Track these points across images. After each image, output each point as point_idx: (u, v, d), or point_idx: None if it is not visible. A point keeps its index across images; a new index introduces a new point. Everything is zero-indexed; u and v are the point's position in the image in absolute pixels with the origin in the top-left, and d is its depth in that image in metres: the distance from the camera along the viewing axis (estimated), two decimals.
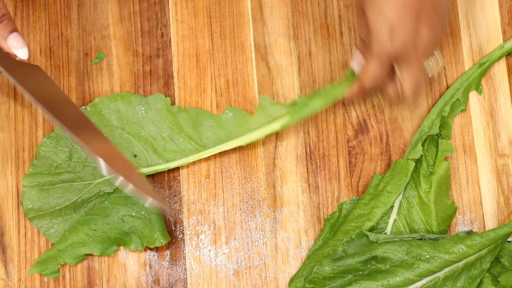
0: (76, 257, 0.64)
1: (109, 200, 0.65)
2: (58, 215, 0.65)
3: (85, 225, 0.64)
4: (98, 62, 0.69)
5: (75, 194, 0.65)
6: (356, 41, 0.69)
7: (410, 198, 0.65)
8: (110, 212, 0.65)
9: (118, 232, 0.64)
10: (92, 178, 0.66)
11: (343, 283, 0.61)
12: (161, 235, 0.64)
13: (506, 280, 0.62)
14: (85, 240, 0.64)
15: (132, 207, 0.65)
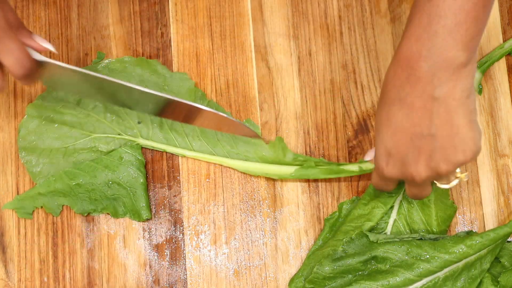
0: (54, 206, 0.65)
1: (100, 161, 0.65)
2: (47, 155, 0.65)
3: (71, 178, 0.65)
4: (98, 62, 0.69)
5: (71, 140, 0.65)
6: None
7: (410, 198, 0.65)
8: (98, 174, 0.65)
9: (100, 195, 0.65)
10: (92, 130, 0.66)
11: (343, 283, 0.61)
12: (145, 209, 0.65)
13: (506, 280, 0.62)
14: (67, 192, 0.65)
15: (120, 175, 0.65)
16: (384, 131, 0.53)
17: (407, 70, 0.50)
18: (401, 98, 0.51)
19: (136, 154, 0.66)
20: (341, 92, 0.69)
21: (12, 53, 0.53)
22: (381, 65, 0.70)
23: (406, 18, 0.70)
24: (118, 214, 0.65)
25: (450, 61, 0.49)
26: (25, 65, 0.54)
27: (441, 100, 0.50)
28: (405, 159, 0.52)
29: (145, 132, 0.66)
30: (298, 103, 0.69)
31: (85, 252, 0.66)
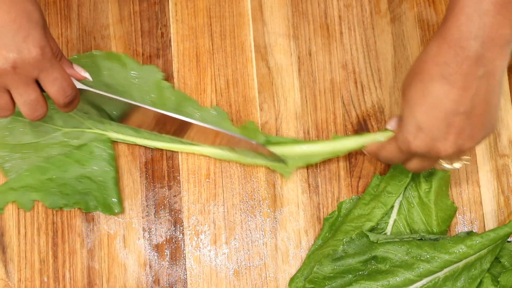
0: (26, 201, 0.65)
1: (71, 155, 0.65)
2: (19, 150, 0.66)
3: (43, 172, 0.65)
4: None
5: (42, 135, 0.66)
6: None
7: (410, 199, 0.65)
8: (69, 168, 0.65)
9: (71, 190, 0.65)
10: (63, 124, 0.66)
11: (343, 283, 0.61)
12: (116, 203, 0.65)
13: (506, 280, 0.62)
14: (39, 187, 0.65)
15: (91, 169, 0.65)
16: (418, 106, 0.53)
17: (455, 48, 0.51)
18: (444, 76, 0.52)
19: (107, 148, 0.66)
20: (341, 92, 0.69)
21: (56, 82, 0.54)
22: (381, 65, 0.70)
23: (406, 18, 0.71)
24: (90, 209, 0.66)
25: (498, 40, 0.50)
26: (69, 93, 0.55)
27: (484, 79, 0.51)
28: (435, 134, 0.53)
29: (115, 126, 0.67)
30: (298, 103, 0.69)
31: (85, 252, 0.66)
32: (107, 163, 0.66)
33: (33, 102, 0.54)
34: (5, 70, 0.51)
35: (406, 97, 0.55)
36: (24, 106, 0.54)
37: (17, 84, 0.52)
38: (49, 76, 0.53)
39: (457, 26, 0.51)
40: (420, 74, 0.54)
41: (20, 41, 0.51)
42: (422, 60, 0.54)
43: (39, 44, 0.51)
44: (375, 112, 0.69)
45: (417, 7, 0.71)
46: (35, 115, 0.55)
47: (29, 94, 0.53)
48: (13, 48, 0.50)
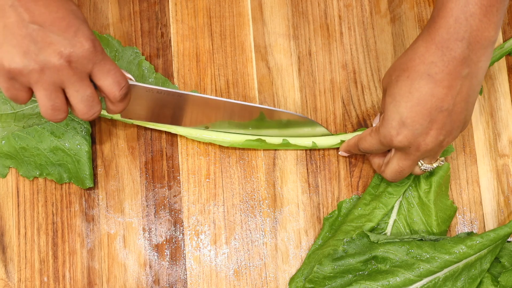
0: (1, 167, 0.67)
1: (47, 127, 0.66)
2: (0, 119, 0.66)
3: (18, 141, 0.66)
4: None
5: (19, 106, 0.65)
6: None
7: (410, 199, 0.65)
8: (43, 139, 0.66)
9: (45, 160, 0.66)
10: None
11: (343, 283, 0.61)
12: (88, 177, 0.66)
13: (506, 280, 0.62)
14: (14, 155, 0.66)
15: (65, 142, 0.66)
16: (403, 102, 0.55)
17: (442, 49, 0.53)
18: (431, 74, 0.53)
19: (83, 122, 0.66)
20: (341, 92, 0.69)
21: (110, 73, 0.54)
22: (381, 65, 0.70)
23: (406, 18, 0.71)
24: (63, 180, 0.66)
25: (483, 41, 0.53)
26: (123, 84, 0.55)
27: (467, 79, 0.54)
28: (418, 130, 0.55)
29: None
30: (298, 103, 0.69)
31: (85, 252, 0.66)
32: (82, 137, 0.66)
33: (89, 98, 0.53)
34: (61, 66, 0.51)
35: (391, 93, 0.56)
36: (81, 103, 0.54)
37: (73, 80, 0.52)
38: (103, 68, 0.53)
39: (445, 28, 0.53)
40: (406, 71, 0.55)
41: (71, 36, 0.51)
42: (409, 58, 0.55)
43: (89, 38, 0.52)
44: (375, 112, 0.69)
45: (417, 7, 0.71)
46: (91, 112, 0.54)
47: (85, 89, 0.53)
48: (66, 44, 0.51)
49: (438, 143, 0.56)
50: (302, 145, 0.67)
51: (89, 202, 0.67)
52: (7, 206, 0.67)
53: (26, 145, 0.66)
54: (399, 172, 0.60)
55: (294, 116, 0.65)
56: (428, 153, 0.58)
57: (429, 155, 0.58)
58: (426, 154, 0.58)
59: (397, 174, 0.60)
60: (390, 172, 0.60)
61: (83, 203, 0.67)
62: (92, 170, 0.66)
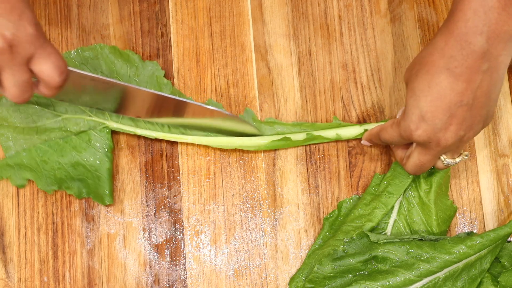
0: (20, 178, 0.66)
1: (69, 141, 0.66)
2: (21, 132, 0.66)
3: (40, 153, 0.65)
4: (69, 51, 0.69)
5: (42, 119, 0.66)
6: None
7: (410, 199, 0.65)
8: (66, 154, 0.65)
9: (65, 175, 0.65)
10: (64, 111, 0.66)
11: (343, 283, 0.61)
12: (107, 195, 0.65)
13: (506, 280, 0.62)
14: (34, 167, 0.65)
15: (87, 158, 0.65)
16: (423, 96, 0.55)
17: (461, 43, 0.53)
18: (450, 68, 0.53)
19: (105, 138, 0.66)
20: (341, 92, 0.69)
21: (51, 57, 0.53)
22: (381, 65, 0.70)
23: (406, 18, 0.71)
24: (81, 195, 0.66)
25: (503, 35, 0.52)
26: (63, 69, 0.54)
27: (487, 74, 0.53)
28: (437, 124, 0.55)
29: (115, 115, 0.67)
30: (298, 103, 0.69)
31: (85, 252, 0.66)
32: (104, 153, 0.66)
33: (24, 83, 0.53)
34: (2, 49, 0.50)
35: (411, 87, 0.56)
36: (15, 87, 0.53)
37: (12, 64, 0.51)
38: (44, 52, 0.52)
39: (464, 21, 0.52)
40: (426, 66, 0.55)
41: (15, 20, 0.50)
42: (428, 52, 0.55)
43: (33, 22, 0.51)
44: (375, 112, 0.69)
45: (417, 7, 0.71)
46: (24, 97, 0.53)
47: (22, 74, 0.52)
48: (9, 27, 0.50)
49: (459, 138, 0.56)
50: (327, 137, 0.66)
51: (89, 202, 0.67)
52: (7, 206, 0.67)
53: (48, 158, 0.65)
54: (419, 166, 0.60)
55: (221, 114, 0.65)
56: (448, 148, 0.57)
57: (450, 150, 0.58)
58: (446, 149, 0.57)
59: (417, 168, 0.60)
60: (411, 165, 0.60)
61: (83, 203, 0.67)
62: (112, 187, 0.66)
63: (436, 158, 0.59)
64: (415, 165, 0.60)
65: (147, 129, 0.67)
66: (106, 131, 0.66)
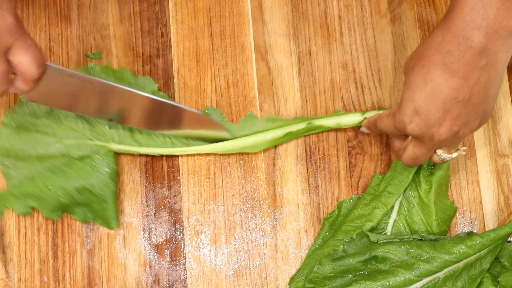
0: (24, 206, 0.65)
1: (73, 166, 0.65)
2: (23, 159, 0.65)
3: (43, 181, 0.65)
4: (92, 57, 0.69)
5: (44, 147, 0.65)
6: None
7: (410, 199, 0.65)
8: (70, 179, 0.65)
9: (70, 200, 0.65)
10: (65, 137, 0.66)
11: (343, 283, 0.61)
12: (114, 218, 0.65)
13: (506, 280, 0.62)
14: (38, 194, 0.65)
15: (92, 182, 0.65)
16: (418, 91, 0.54)
17: (459, 38, 0.52)
18: (447, 64, 0.53)
19: (109, 162, 0.65)
20: (341, 92, 0.69)
21: (31, 49, 0.52)
22: (381, 65, 0.70)
23: (406, 18, 0.71)
24: (87, 220, 0.65)
25: (502, 31, 0.51)
26: (42, 62, 0.53)
27: (485, 70, 0.52)
28: (431, 120, 0.54)
29: (116, 137, 0.66)
30: (298, 103, 0.69)
31: (85, 252, 0.66)
32: (109, 177, 0.65)
33: (2, 74, 0.51)
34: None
35: (408, 81, 0.56)
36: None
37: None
38: (24, 43, 0.51)
39: (461, 17, 0.52)
40: (422, 60, 0.55)
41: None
42: (425, 47, 0.55)
43: (13, 12, 0.50)
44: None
45: (417, 7, 0.71)
46: (1, 89, 0.52)
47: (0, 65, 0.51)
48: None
49: (453, 134, 0.55)
50: (327, 125, 0.66)
51: None
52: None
53: (52, 185, 0.64)
54: (414, 159, 0.59)
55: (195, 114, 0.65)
56: (442, 143, 0.57)
57: (445, 145, 0.58)
58: (440, 144, 0.57)
59: (412, 160, 0.60)
60: (406, 157, 0.60)
61: None
62: (117, 211, 0.66)
63: (431, 152, 0.58)
64: (410, 157, 0.60)
65: (149, 146, 0.66)
66: (109, 154, 0.65)
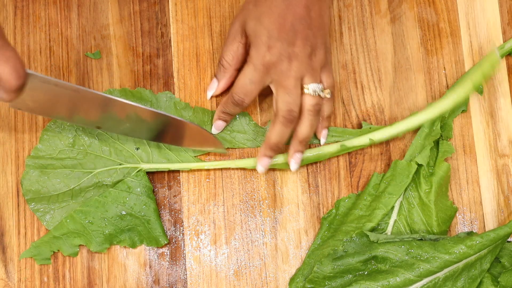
0: (71, 246, 0.64)
1: (109, 195, 0.65)
2: (56, 200, 0.65)
3: (83, 216, 0.64)
4: (91, 57, 0.69)
5: (74, 181, 0.65)
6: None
7: (410, 199, 0.65)
8: (109, 208, 0.64)
9: (114, 229, 0.64)
10: (93, 167, 0.65)
11: (343, 283, 0.61)
12: (161, 235, 0.64)
13: (506, 280, 0.62)
14: (81, 231, 0.64)
15: (131, 205, 0.65)
16: (266, 18, 0.60)
17: None
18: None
19: (143, 181, 0.65)
20: (341, 92, 0.69)
21: (10, 60, 0.52)
22: (381, 65, 0.70)
23: (406, 18, 0.71)
24: (135, 245, 0.65)
25: None
26: (22, 74, 0.53)
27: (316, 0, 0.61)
28: (285, 39, 0.60)
29: (145, 157, 0.66)
30: None
31: (85, 252, 0.66)
32: (146, 196, 0.65)
33: None
34: None
35: (253, 17, 0.61)
36: None
37: None
38: (3, 55, 0.51)
39: None
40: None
41: None
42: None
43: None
44: (375, 112, 0.69)
45: (417, 7, 0.71)
46: None
47: None
48: None
49: (307, 54, 0.61)
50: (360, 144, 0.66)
51: None
52: (7, 206, 0.67)
53: (92, 218, 0.64)
54: (289, 96, 0.61)
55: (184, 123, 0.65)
56: (302, 66, 0.61)
57: (306, 71, 0.61)
58: (301, 68, 0.61)
59: (288, 98, 0.61)
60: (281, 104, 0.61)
61: None
62: (163, 227, 0.66)
63: (297, 80, 0.61)
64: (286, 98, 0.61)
65: (180, 162, 0.66)
66: (141, 174, 0.65)
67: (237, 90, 0.63)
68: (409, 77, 0.70)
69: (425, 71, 0.70)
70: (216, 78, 0.67)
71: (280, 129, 0.62)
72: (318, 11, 0.61)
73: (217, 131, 0.67)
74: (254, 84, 0.62)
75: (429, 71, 0.70)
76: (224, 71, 0.66)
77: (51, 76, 0.66)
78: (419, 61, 0.70)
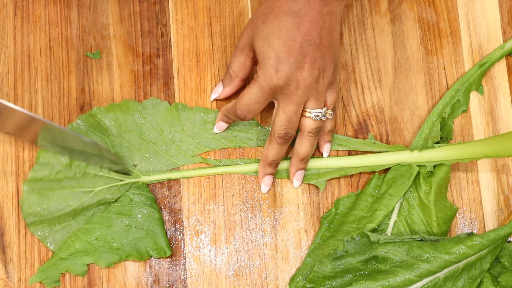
0: (79, 266, 0.64)
1: (112, 209, 0.65)
2: (57, 222, 0.65)
3: (88, 234, 0.64)
4: (91, 57, 0.69)
5: (75, 201, 0.65)
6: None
7: (410, 200, 0.65)
8: (113, 222, 0.64)
9: (121, 243, 0.64)
10: (93, 185, 0.65)
11: (343, 282, 0.61)
12: (166, 246, 0.65)
13: (506, 280, 0.62)
14: (88, 249, 0.64)
15: (135, 217, 0.65)
16: (275, 39, 0.59)
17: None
18: (295, 11, 0.59)
19: (145, 192, 0.65)
20: (341, 92, 0.69)
21: None
22: (381, 65, 0.70)
23: (406, 18, 0.71)
24: (144, 257, 0.64)
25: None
26: None
27: (327, 16, 0.60)
28: (294, 63, 0.59)
29: (145, 169, 0.66)
30: None
31: None
32: (150, 206, 0.65)
33: None
34: None
35: (261, 36, 0.60)
36: None
37: None
38: None
39: None
40: (273, 12, 0.60)
41: None
42: (270, 2, 0.60)
43: None
44: (375, 112, 0.69)
45: (417, 7, 0.71)
46: None
47: None
48: None
49: (315, 78, 0.60)
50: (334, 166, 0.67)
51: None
52: (7, 206, 0.67)
53: (98, 234, 0.64)
54: (287, 121, 0.61)
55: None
56: (308, 91, 0.60)
57: (311, 95, 0.61)
58: (307, 93, 0.60)
59: (286, 123, 0.61)
60: (279, 125, 0.61)
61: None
62: (167, 237, 0.65)
63: (300, 106, 0.61)
64: (284, 121, 0.61)
65: (180, 164, 0.66)
66: (142, 186, 0.65)
67: (241, 107, 0.62)
68: (409, 77, 0.70)
69: (425, 71, 0.70)
70: (222, 83, 0.67)
71: (276, 148, 0.63)
72: (328, 27, 0.60)
73: (218, 131, 0.67)
74: (258, 104, 0.62)
75: (429, 71, 0.70)
76: (230, 79, 0.66)
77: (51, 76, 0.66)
78: (419, 61, 0.70)
